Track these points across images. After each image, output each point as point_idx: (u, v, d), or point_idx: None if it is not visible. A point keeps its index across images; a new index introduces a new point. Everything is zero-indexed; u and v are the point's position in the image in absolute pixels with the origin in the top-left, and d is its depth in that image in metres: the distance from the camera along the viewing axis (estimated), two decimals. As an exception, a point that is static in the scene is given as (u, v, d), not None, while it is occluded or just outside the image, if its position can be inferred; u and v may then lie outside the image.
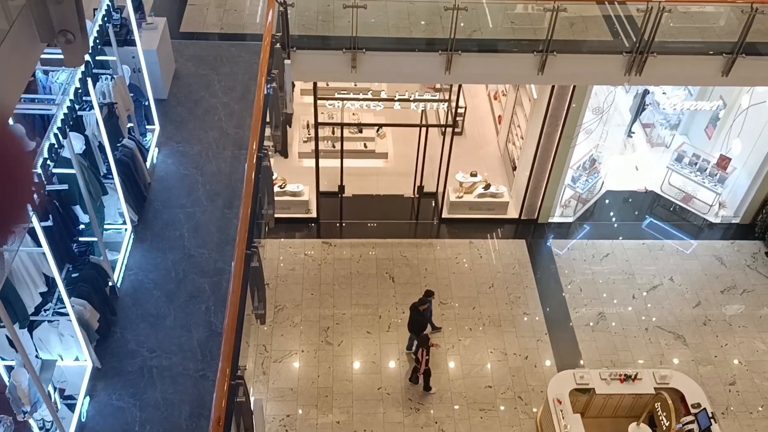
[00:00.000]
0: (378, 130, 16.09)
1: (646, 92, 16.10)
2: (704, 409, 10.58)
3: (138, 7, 9.98)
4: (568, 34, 11.30)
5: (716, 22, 12.23)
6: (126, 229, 8.43)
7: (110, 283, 8.02)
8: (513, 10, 12.24)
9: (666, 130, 16.68)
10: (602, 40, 11.61)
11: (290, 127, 15.72)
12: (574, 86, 12.62)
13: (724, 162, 14.95)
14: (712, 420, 10.35)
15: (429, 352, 11.34)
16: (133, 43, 9.18)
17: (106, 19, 8.18)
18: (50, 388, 7.28)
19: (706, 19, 12.30)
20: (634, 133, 16.78)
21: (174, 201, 8.36)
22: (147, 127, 9.37)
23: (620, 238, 14.75)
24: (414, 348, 11.70)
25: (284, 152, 15.19)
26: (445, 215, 14.86)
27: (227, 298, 6.17)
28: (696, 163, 15.26)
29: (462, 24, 10.72)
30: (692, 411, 10.57)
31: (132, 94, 8.97)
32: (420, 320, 11.92)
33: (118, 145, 8.38)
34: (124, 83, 8.56)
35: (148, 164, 8.79)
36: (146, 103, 9.34)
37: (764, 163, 14.24)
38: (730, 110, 15.09)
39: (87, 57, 7.53)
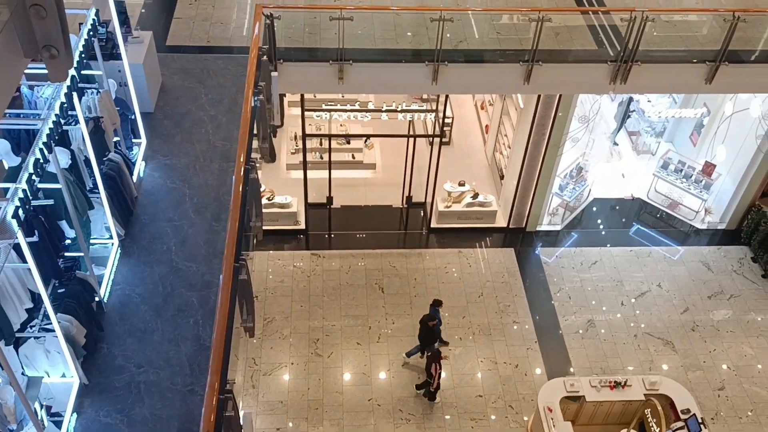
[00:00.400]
0: (366, 141, 16.12)
1: (630, 100, 16.24)
2: (694, 414, 10.62)
3: (124, 21, 9.97)
4: (554, 44, 11.40)
5: (699, 31, 12.38)
6: (113, 244, 8.38)
7: (97, 299, 7.96)
8: (498, 21, 12.33)
9: (651, 137, 16.83)
10: (587, 50, 11.71)
11: (275, 137, 15.70)
12: (560, 95, 12.71)
13: (709, 168, 15.09)
14: (701, 425, 10.38)
15: (441, 366, 11.34)
16: (119, 57, 9.17)
17: (91, 33, 8.16)
18: (37, 406, 7.20)
19: (689, 28, 12.45)
20: (617, 144, 16.92)
21: (161, 214, 8.32)
22: (133, 140, 9.34)
23: (608, 245, 14.82)
24: (425, 363, 11.67)
25: (273, 156, 15.15)
26: (433, 225, 14.89)
27: (215, 312, 6.14)
28: (681, 170, 15.39)
29: (448, 35, 10.79)
30: (682, 417, 10.60)
31: (118, 108, 8.94)
32: (430, 334, 11.93)
33: (105, 159, 8.34)
34: (110, 97, 8.54)
35: (134, 178, 8.75)
36: (132, 117, 9.31)
37: (749, 169, 14.39)
38: (714, 117, 15.25)
39: (72, 71, 7.51)
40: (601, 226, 15.33)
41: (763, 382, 12.45)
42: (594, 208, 15.69)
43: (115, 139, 8.74)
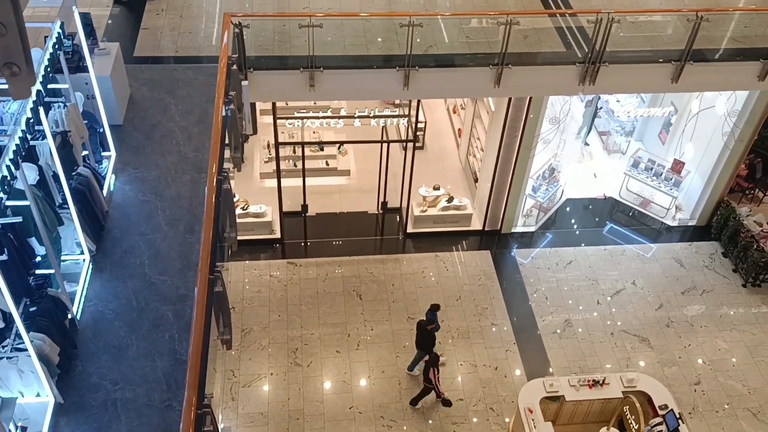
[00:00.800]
0: (339, 148, 16.09)
1: (598, 99, 16.42)
2: (671, 410, 10.74)
3: (90, 33, 9.83)
4: (522, 47, 11.50)
5: (664, 31, 12.58)
6: (84, 260, 8.24)
7: (70, 316, 7.82)
8: (468, 25, 12.41)
9: (621, 137, 17.05)
10: (556, 52, 11.84)
11: (246, 142, 15.59)
12: (531, 97, 12.82)
13: (678, 166, 15.32)
14: (679, 421, 10.51)
15: (439, 370, 11.32)
16: (85, 70, 9.03)
17: (57, 46, 8.04)
18: (11, 427, 7.04)
19: (654, 28, 12.65)
20: (588, 144, 17.11)
21: (133, 228, 8.21)
22: (102, 153, 9.21)
23: (582, 244, 14.96)
24: (423, 369, 11.62)
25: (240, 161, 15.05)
26: (409, 230, 14.90)
27: (191, 325, 6.06)
28: (652, 168, 15.61)
29: (418, 40, 10.83)
30: (660, 413, 10.72)
31: (86, 121, 8.81)
32: (428, 337, 11.92)
33: (73, 173, 8.21)
34: (77, 110, 8.41)
35: (104, 192, 8.62)
36: (101, 130, 9.18)
37: (716, 165, 14.64)
38: (681, 115, 15.50)
39: (38, 86, 7.38)
40: (575, 226, 15.48)
41: (738, 375, 12.65)
42: (567, 209, 15.84)
43: (84, 152, 8.61)
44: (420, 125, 15.82)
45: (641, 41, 12.31)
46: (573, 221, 15.59)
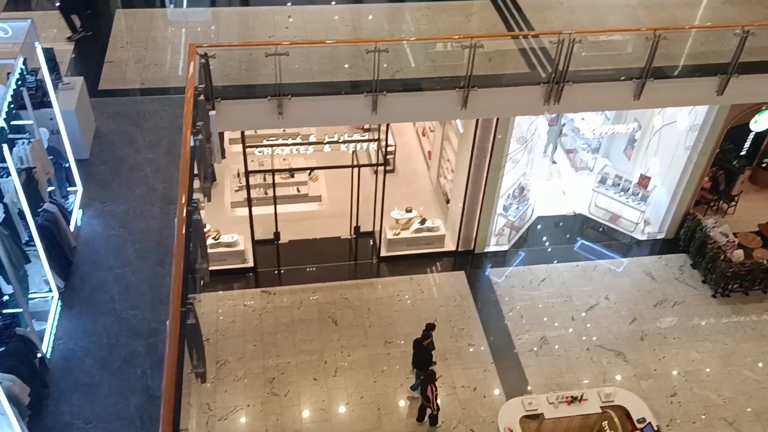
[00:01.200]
0: (310, 174, 16.09)
1: (560, 117, 16.65)
2: (649, 423, 10.81)
3: (53, 68, 9.73)
4: (487, 69, 11.65)
5: (624, 50, 12.87)
6: (53, 297, 8.08)
7: (39, 355, 7.64)
8: (433, 49, 12.56)
9: (588, 154, 17.32)
10: (520, 73, 12.02)
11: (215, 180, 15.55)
12: (498, 118, 12.98)
13: (644, 181, 15.60)
14: (658, 433, 10.58)
15: (436, 387, 11.31)
16: (49, 105, 8.93)
17: (20, 83, 7.94)
18: (-22, 474, 6.81)
19: (615, 47, 12.93)
20: (556, 162, 17.36)
21: (102, 263, 8.08)
22: (69, 189, 9.07)
23: (555, 261, 15.10)
24: (419, 386, 11.61)
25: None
26: (383, 253, 14.90)
27: (164, 360, 5.96)
28: (619, 184, 15.87)
29: (385, 65, 10.92)
30: (638, 426, 10.79)
31: (51, 157, 8.69)
32: (425, 355, 11.92)
33: (39, 210, 8.07)
34: (42, 146, 8.30)
35: (72, 227, 8.48)
36: (67, 165, 9.06)
37: (681, 179, 14.94)
38: (645, 131, 15.82)
39: (2, 123, 7.27)
40: (547, 244, 15.62)
41: (712, 385, 12.79)
42: (538, 226, 16.00)
43: (50, 188, 8.48)
44: (390, 149, 15.91)
45: (603, 60, 12.57)
46: (544, 239, 15.74)
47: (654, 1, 14.47)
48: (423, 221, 14.99)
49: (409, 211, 15.06)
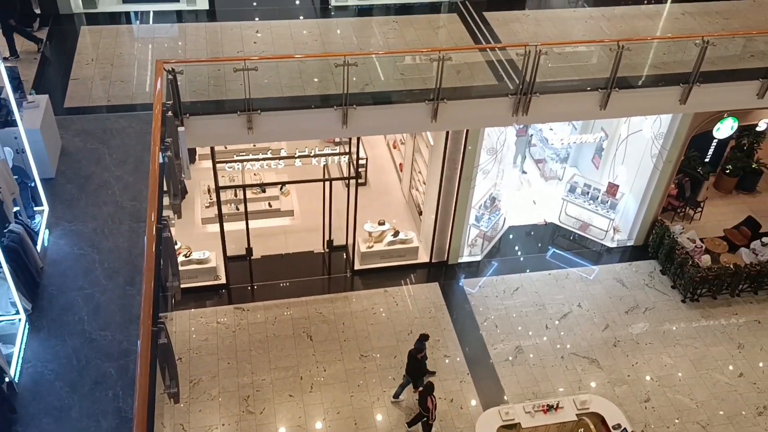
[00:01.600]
0: (281, 189, 16.02)
1: (526, 128, 16.83)
2: (624, 429, 10.91)
3: (17, 86, 9.56)
4: (456, 82, 11.76)
5: (590, 61, 13.10)
6: (20, 320, 7.88)
7: (7, 379, 7.43)
8: (402, 62, 12.63)
9: (557, 164, 17.54)
10: (488, 85, 12.15)
11: (186, 193, 15.41)
12: (467, 130, 13.09)
13: (612, 189, 15.83)
14: (633, 438, 10.67)
15: (435, 398, 11.31)
16: (14, 124, 8.77)
17: (-19, 101, 7.79)
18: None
19: (580, 59, 13.15)
20: (526, 172, 17.55)
21: (70, 284, 7.92)
22: (35, 208, 8.89)
23: (527, 270, 15.21)
24: (419, 398, 11.62)
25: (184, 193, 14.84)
26: (357, 267, 14.86)
27: (136, 381, 5.85)
28: (588, 192, 16.08)
29: (354, 78, 10.95)
30: (614, 432, 10.87)
31: (16, 176, 8.52)
32: (419, 366, 12.00)
33: (5, 231, 7.89)
34: (6, 166, 8.13)
35: (38, 248, 8.31)
36: (32, 185, 8.88)
37: (648, 186, 15.20)
38: (611, 140, 16.08)
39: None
40: (519, 253, 15.74)
41: (685, 389, 12.96)
42: (510, 236, 16.11)
43: (15, 209, 8.30)
44: (361, 162, 15.92)
45: (569, 71, 12.78)
46: (517, 248, 15.86)
47: (616, 13, 14.77)
48: (396, 233, 15.00)
49: (381, 223, 15.07)
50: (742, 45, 13.41)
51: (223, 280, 14.25)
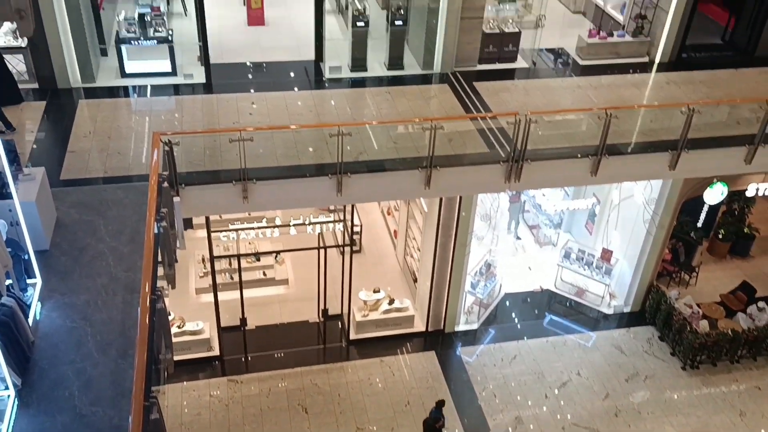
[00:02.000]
0: (276, 257, 15.97)
1: (519, 195, 17.00)
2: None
3: (13, 159, 9.63)
4: (448, 149, 11.92)
5: (579, 128, 13.35)
6: (9, 395, 7.67)
7: (-9, 459, 7.19)
8: (395, 131, 12.84)
9: (551, 229, 17.63)
10: (480, 152, 12.31)
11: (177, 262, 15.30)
12: (461, 196, 13.19)
13: (607, 255, 15.86)
14: None
15: None
16: (9, 197, 8.78)
17: (-22, 174, 7.83)
18: None
19: (570, 126, 13.40)
20: (520, 238, 17.61)
21: (61, 357, 7.76)
22: (28, 281, 8.80)
23: (525, 338, 15.05)
24: None
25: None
26: (352, 336, 14.67)
27: (126, 459, 5.66)
28: (582, 258, 16.10)
29: (348, 147, 11.10)
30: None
31: (10, 249, 8.47)
32: None
33: (-4, 304, 7.78)
34: (1, 240, 8.09)
35: (30, 321, 8.18)
36: (26, 257, 8.83)
37: (642, 252, 15.23)
38: (604, 206, 16.22)
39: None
40: (516, 320, 15.60)
41: (690, 458, 12.65)
42: (507, 303, 16.01)
43: (8, 282, 8.22)
44: (356, 229, 15.96)
45: (559, 139, 12.98)
46: (513, 315, 15.73)
47: (603, 82, 15.16)
48: (391, 301, 14.89)
49: (376, 291, 14.97)
50: (727, 112, 13.73)
51: (216, 352, 14.02)
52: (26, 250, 8.79)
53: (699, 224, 16.91)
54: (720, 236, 17.31)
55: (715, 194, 15.20)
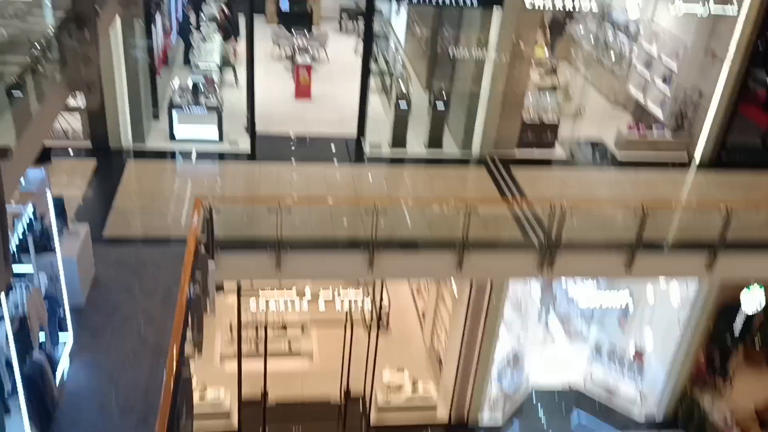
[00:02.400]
0: (303, 329, 15.89)
1: (550, 285, 16.77)
2: None
3: (60, 213, 9.90)
4: (482, 233, 11.93)
5: (615, 222, 13.28)
6: (27, 453, 7.64)
7: None
8: (430, 210, 12.93)
9: (582, 322, 17.26)
10: (514, 238, 12.29)
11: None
12: (492, 283, 13.08)
13: (639, 355, 15.42)
14: None
15: None
16: (52, 251, 8.98)
17: (27, 228, 8.06)
18: None
19: (606, 219, 13.34)
20: (550, 329, 17.29)
21: (83, 418, 7.74)
22: (59, 336, 8.90)
23: (551, 437, 14.53)
24: None
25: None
26: (373, 422, 14.30)
27: None
28: (614, 355, 15.66)
29: (382, 224, 11.20)
30: None
31: (46, 302, 8.60)
32: None
33: (27, 359, 7.84)
34: (39, 295, 8.21)
35: (57, 379, 8.22)
36: (62, 314, 8.95)
37: (675, 355, 14.75)
38: (638, 302, 15.88)
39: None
40: (543, 419, 15.06)
41: None
42: (534, 401, 15.50)
43: (41, 337, 8.30)
44: (384, 306, 15.86)
45: (595, 231, 12.91)
46: (540, 414, 15.20)
47: (640, 177, 15.15)
48: (415, 384, 14.57)
49: (400, 370, 14.70)
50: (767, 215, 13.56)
51: (234, 426, 13.76)
52: (62, 306, 8.91)
53: (735, 332, 16.38)
54: (756, 345, 16.74)
55: (752, 299, 14.83)
